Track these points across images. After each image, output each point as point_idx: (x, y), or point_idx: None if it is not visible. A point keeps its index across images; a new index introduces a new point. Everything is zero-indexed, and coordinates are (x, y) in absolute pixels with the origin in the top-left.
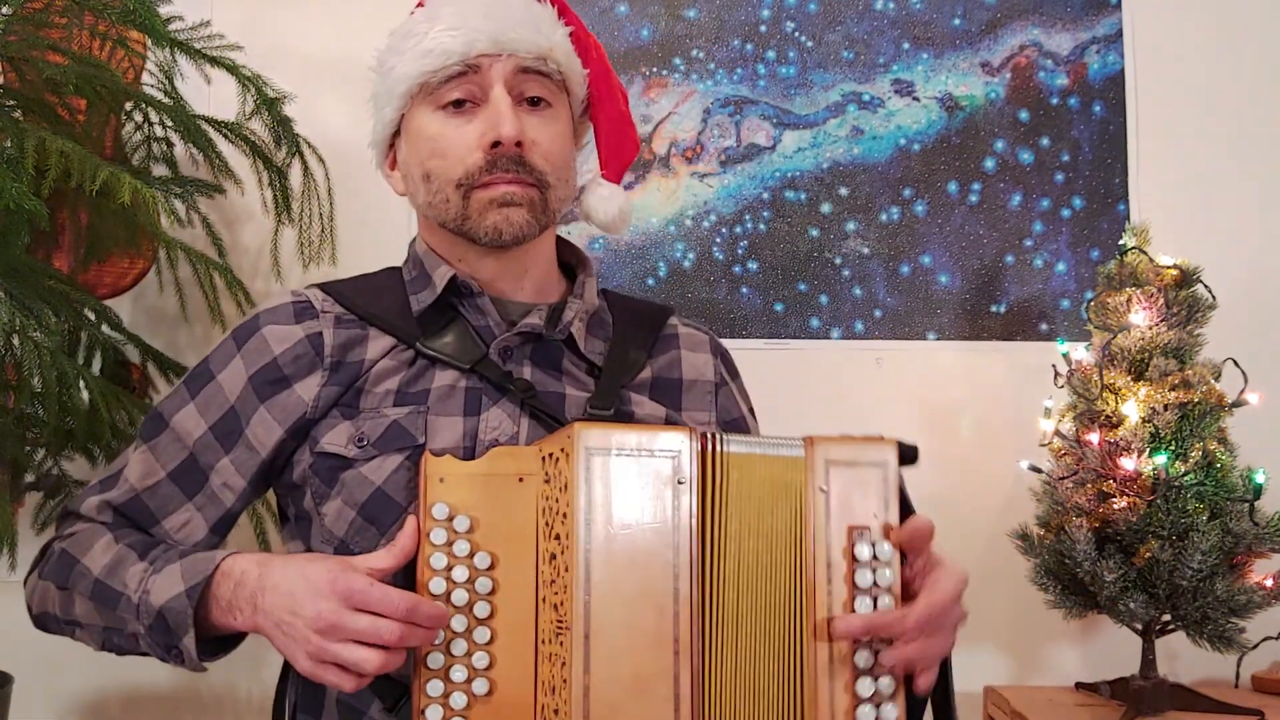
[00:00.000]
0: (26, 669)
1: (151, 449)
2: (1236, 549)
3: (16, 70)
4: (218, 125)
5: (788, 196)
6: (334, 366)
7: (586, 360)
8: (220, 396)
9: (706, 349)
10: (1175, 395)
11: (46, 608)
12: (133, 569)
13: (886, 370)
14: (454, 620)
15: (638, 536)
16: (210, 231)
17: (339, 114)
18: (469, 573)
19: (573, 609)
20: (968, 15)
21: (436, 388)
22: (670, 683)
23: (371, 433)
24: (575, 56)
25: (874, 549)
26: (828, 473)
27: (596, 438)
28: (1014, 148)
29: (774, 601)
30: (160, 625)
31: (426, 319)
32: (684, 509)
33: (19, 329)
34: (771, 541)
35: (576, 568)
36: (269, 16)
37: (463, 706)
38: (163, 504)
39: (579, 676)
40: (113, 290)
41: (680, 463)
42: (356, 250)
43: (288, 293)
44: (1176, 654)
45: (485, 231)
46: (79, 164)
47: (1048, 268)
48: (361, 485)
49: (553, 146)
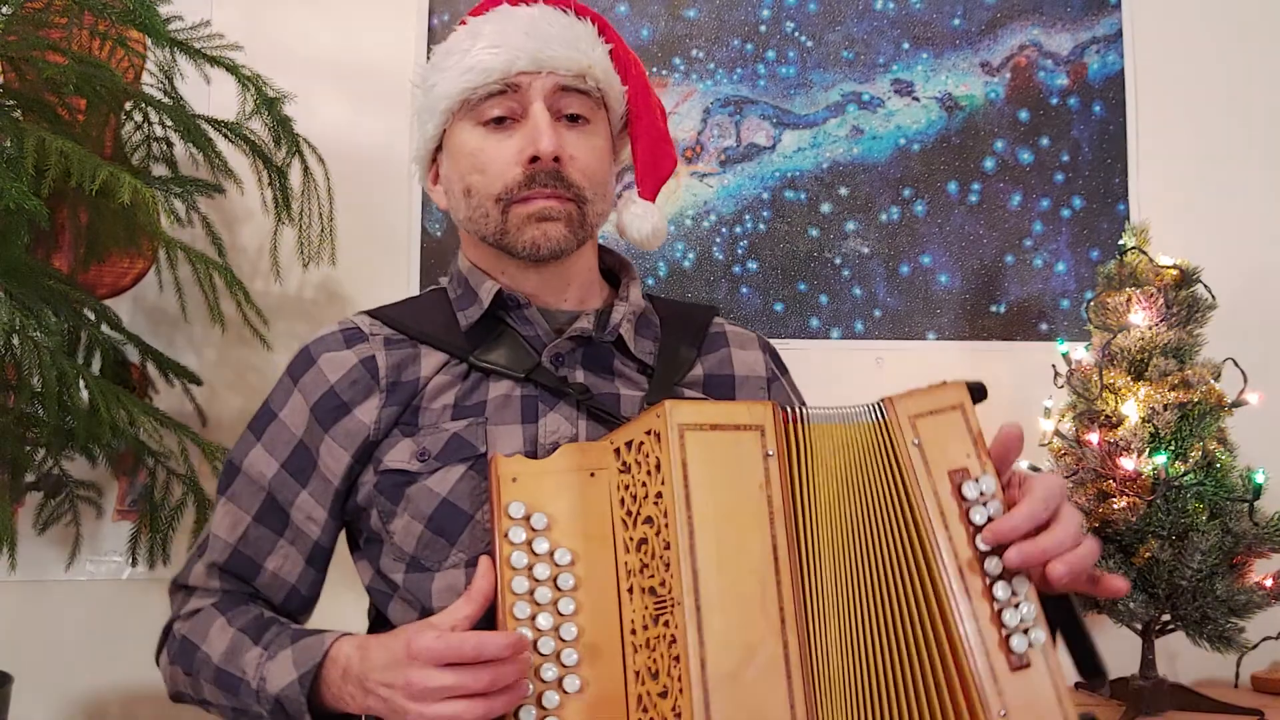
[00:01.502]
0: (26, 669)
1: (231, 499)
2: (1236, 549)
3: (16, 70)
4: (218, 125)
5: (787, 196)
6: (390, 387)
7: (637, 360)
8: (286, 433)
9: (756, 345)
10: (1175, 395)
11: (180, 688)
12: (249, 655)
13: (886, 370)
14: (540, 618)
15: (732, 510)
16: (210, 231)
17: (339, 114)
18: (551, 570)
19: (681, 584)
20: (968, 15)
21: (493, 398)
22: (780, 650)
23: (433, 447)
24: (614, 74)
25: (979, 485)
26: (915, 426)
27: (687, 413)
28: (1014, 148)
29: (880, 561)
30: (279, 710)
31: (476, 334)
32: (774, 481)
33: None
34: (871, 504)
35: (679, 542)
36: (269, 16)
37: (556, 705)
38: (257, 549)
39: (694, 649)
40: (113, 290)
41: (765, 435)
42: (356, 250)
43: (335, 322)
44: (1176, 654)
45: (524, 246)
46: (79, 164)
47: (1047, 268)
48: (427, 498)
49: (590, 161)
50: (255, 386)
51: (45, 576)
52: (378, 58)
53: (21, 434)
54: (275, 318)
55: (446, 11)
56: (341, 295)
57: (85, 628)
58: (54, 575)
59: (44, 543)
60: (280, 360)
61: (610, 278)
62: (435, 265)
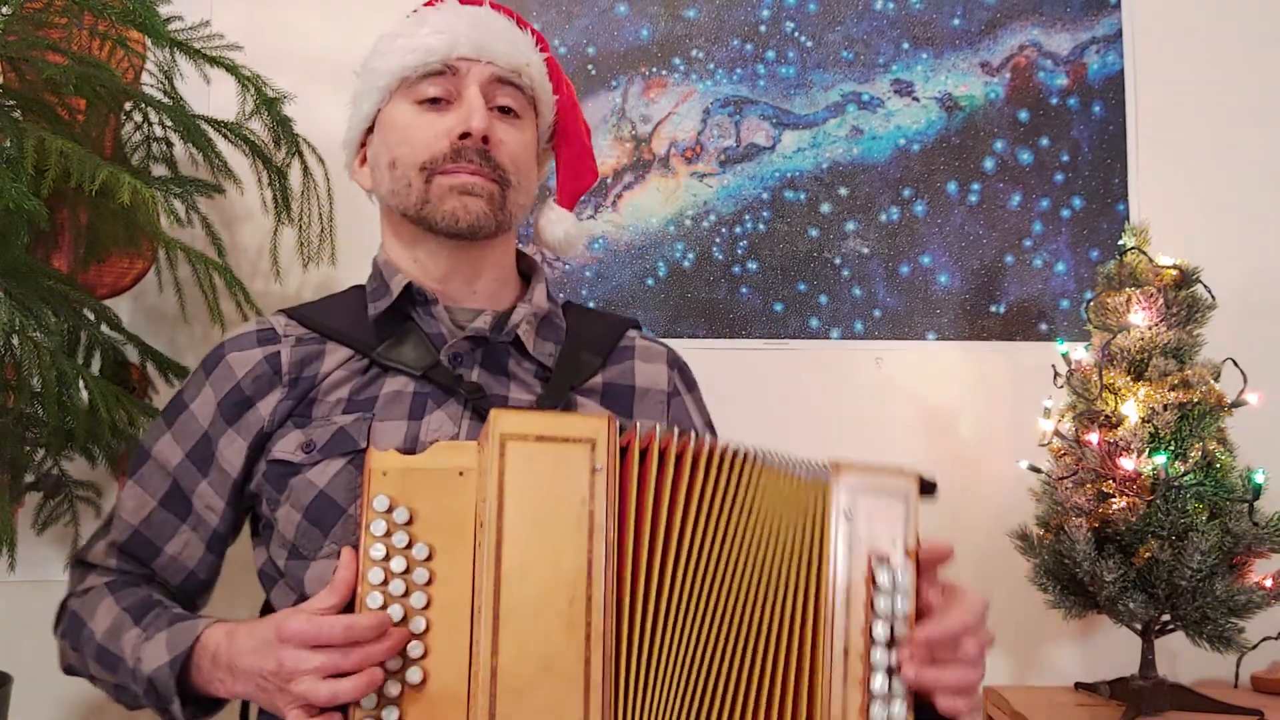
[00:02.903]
0: (26, 669)
1: (138, 481)
2: (1236, 549)
3: (16, 70)
4: (217, 125)
5: (787, 196)
6: (291, 382)
7: (536, 362)
8: (194, 424)
9: (662, 360)
10: (1175, 395)
11: (70, 662)
12: (128, 635)
13: (886, 370)
14: (391, 609)
15: (548, 521)
16: (210, 231)
17: (339, 114)
18: (406, 563)
19: (482, 592)
20: (967, 15)
21: (385, 394)
22: (581, 666)
23: (319, 439)
24: (548, 81)
25: (894, 575)
26: (853, 497)
27: (512, 423)
28: (1014, 148)
29: (761, 610)
30: (151, 691)
31: (383, 327)
32: (599, 495)
33: (19, 329)
34: (776, 554)
35: (486, 550)
36: (269, 16)
37: (396, 695)
38: (159, 532)
39: (485, 658)
40: (112, 290)
41: (596, 450)
42: (356, 250)
43: (253, 321)
44: (1176, 654)
45: (443, 216)
46: (78, 164)
47: (1047, 268)
48: (306, 489)
49: (517, 150)
50: None
51: (45, 576)
52: None
53: (21, 434)
54: None
55: None
56: None
57: None
58: (54, 575)
59: (44, 543)
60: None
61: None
62: None
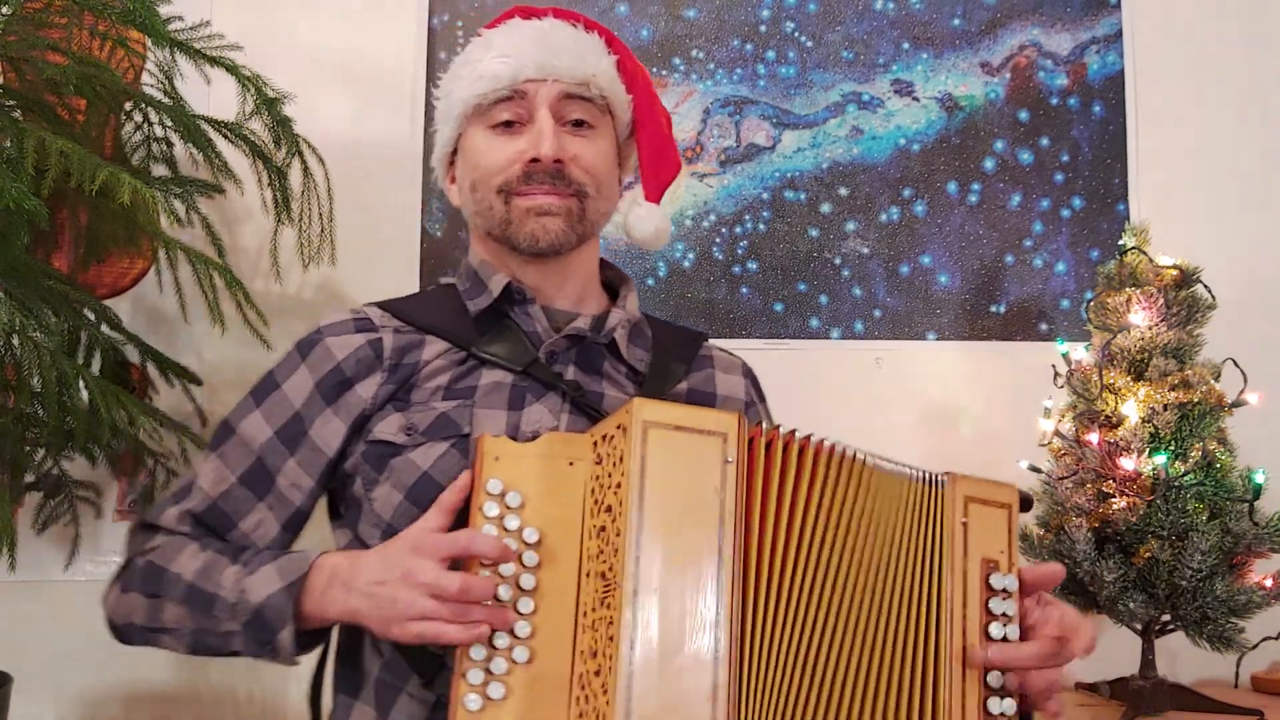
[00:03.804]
0: (26, 669)
1: (220, 457)
2: (1236, 549)
3: (16, 70)
4: (217, 125)
5: (787, 196)
6: (392, 368)
7: (627, 365)
8: (285, 403)
9: (739, 371)
10: (1175, 395)
11: (131, 619)
12: (226, 571)
13: (886, 370)
14: (500, 590)
15: (685, 507)
16: (210, 231)
17: (339, 114)
18: (517, 545)
19: (623, 569)
20: (967, 15)
21: (484, 384)
22: (711, 644)
23: (421, 423)
24: (619, 83)
25: (1005, 581)
26: (966, 507)
27: (652, 411)
28: (1014, 148)
29: (879, 604)
30: (257, 621)
31: (482, 324)
32: (729, 486)
33: (19, 329)
34: (892, 553)
35: (629, 530)
36: (269, 16)
37: (503, 672)
38: (236, 507)
39: (626, 630)
40: (113, 290)
41: (728, 443)
42: (356, 250)
43: (348, 310)
44: (1176, 654)
45: (524, 238)
46: (78, 164)
47: (1047, 268)
48: (409, 470)
49: (593, 161)
50: None
51: (45, 576)
52: (378, 58)
53: (21, 434)
54: (275, 318)
55: (446, 11)
56: (341, 295)
57: (85, 628)
58: (54, 575)
59: (44, 543)
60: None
61: (612, 292)
62: (435, 265)
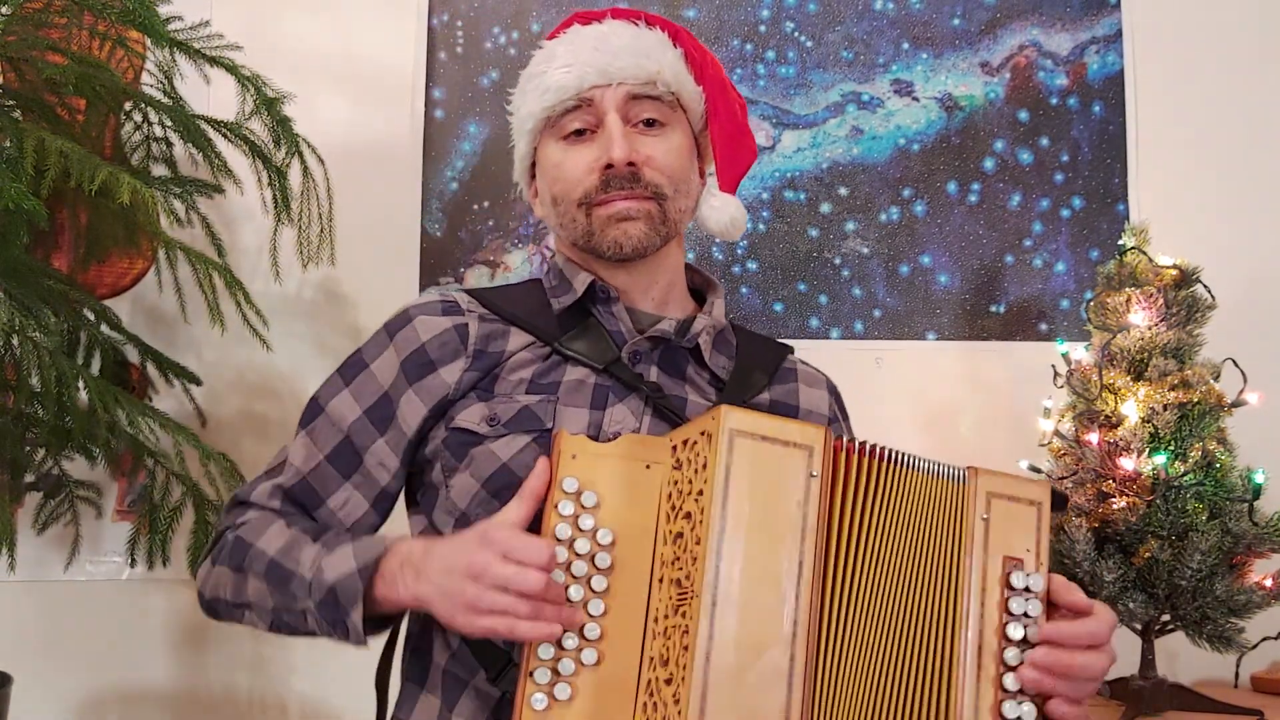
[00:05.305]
0: (26, 669)
1: (309, 434)
2: (1236, 549)
3: (16, 70)
4: (217, 125)
5: (787, 196)
6: (476, 355)
7: (710, 371)
8: (374, 383)
9: (823, 387)
10: (1175, 395)
11: (219, 593)
12: (307, 549)
13: (886, 370)
14: (571, 590)
15: (766, 519)
16: (210, 231)
17: (339, 114)
18: (590, 546)
19: (702, 578)
20: (967, 15)
21: (567, 381)
22: (787, 660)
23: (503, 414)
24: (688, 76)
25: (1028, 580)
26: (989, 503)
27: (740, 420)
28: (1013, 148)
29: (908, 609)
30: (330, 601)
31: (566, 320)
32: (812, 500)
33: (19, 329)
34: (918, 555)
35: (709, 539)
36: (269, 16)
37: (570, 673)
38: (324, 484)
39: (703, 641)
40: (112, 290)
41: (813, 457)
42: (356, 250)
43: (436, 293)
44: (1176, 654)
45: (608, 246)
46: (78, 164)
47: (1047, 268)
48: (489, 460)
49: (668, 160)
50: (255, 386)
51: (45, 576)
52: (378, 58)
53: (21, 434)
54: (275, 318)
55: (446, 11)
56: (341, 295)
57: (85, 628)
58: (54, 575)
59: (44, 543)
60: (280, 360)
61: (698, 297)
62: (435, 265)
